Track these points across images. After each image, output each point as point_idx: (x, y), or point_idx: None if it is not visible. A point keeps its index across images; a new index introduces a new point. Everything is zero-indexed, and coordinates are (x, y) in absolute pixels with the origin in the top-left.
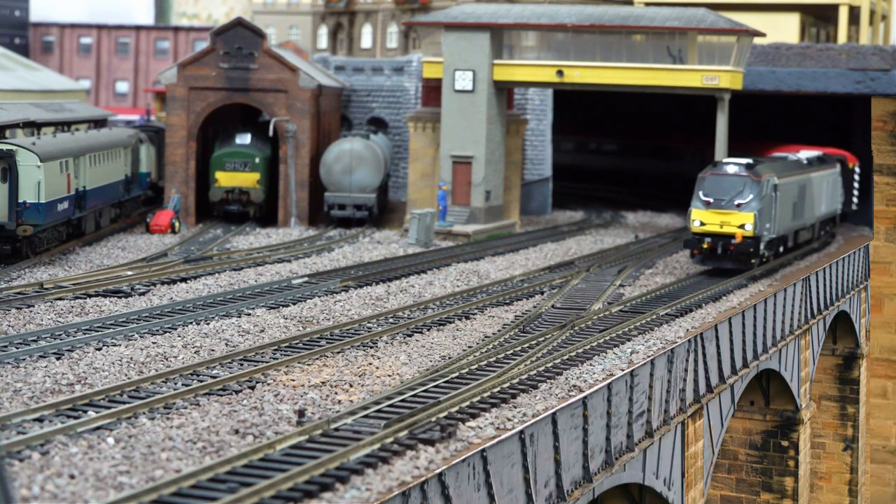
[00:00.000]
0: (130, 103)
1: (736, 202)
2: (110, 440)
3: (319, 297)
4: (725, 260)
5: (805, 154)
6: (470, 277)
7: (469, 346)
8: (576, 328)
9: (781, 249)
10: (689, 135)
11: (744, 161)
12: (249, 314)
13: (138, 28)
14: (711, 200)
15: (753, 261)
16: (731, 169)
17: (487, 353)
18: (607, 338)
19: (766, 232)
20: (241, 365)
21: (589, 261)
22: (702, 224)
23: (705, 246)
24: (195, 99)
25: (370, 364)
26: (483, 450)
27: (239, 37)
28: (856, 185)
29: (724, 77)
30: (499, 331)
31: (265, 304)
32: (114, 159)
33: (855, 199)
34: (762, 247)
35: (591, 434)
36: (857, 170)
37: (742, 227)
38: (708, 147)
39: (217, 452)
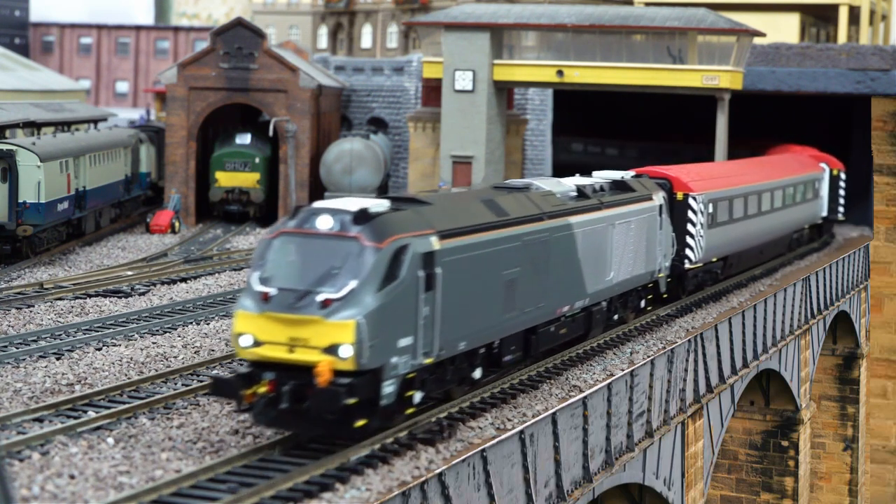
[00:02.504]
0: (130, 103)
1: (320, 297)
2: (110, 440)
3: None
4: (301, 420)
5: (594, 178)
6: None
7: None
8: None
9: (478, 375)
10: (690, 135)
11: (355, 206)
12: None
13: (138, 28)
14: (274, 292)
15: (361, 423)
16: (323, 222)
17: None
18: (607, 338)
19: (403, 357)
20: (242, 365)
21: None
22: (256, 343)
23: (262, 389)
24: (195, 99)
25: None
26: (483, 450)
27: (239, 37)
28: (696, 226)
29: (724, 77)
30: None
31: None
32: (114, 159)
33: (694, 251)
34: (389, 389)
35: (591, 434)
36: (698, 204)
37: (332, 350)
38: (707, 147)
39: (217, 452)
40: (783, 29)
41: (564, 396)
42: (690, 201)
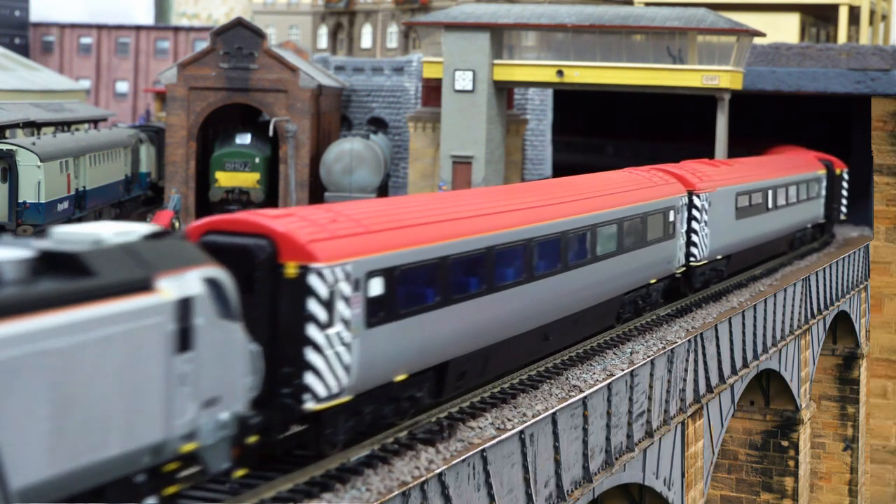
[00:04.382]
0: (130, 103)
1: None
2: None
3: None
4: None
5: None
6: None
7: None
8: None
9: None
10: (690, 135)
11: None
12: None
13: (138, 28)
14: None
15: None
16: None
17: None
18: (607, 338)
19: None
20: None
21: None
22: None
23: None
24: (195, 99)
25: None
26: (483, 450)
27: (239, 37)
28: (331, 327)
29: (724, 77)
30: None
31: None
32: (114, 159)
33: (328, 377)
34: None
35: (591, 434)
36: (330, 284)
37: None
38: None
39: None
40: (783, 29)
41: (564, 396)
42: (313, 281)
